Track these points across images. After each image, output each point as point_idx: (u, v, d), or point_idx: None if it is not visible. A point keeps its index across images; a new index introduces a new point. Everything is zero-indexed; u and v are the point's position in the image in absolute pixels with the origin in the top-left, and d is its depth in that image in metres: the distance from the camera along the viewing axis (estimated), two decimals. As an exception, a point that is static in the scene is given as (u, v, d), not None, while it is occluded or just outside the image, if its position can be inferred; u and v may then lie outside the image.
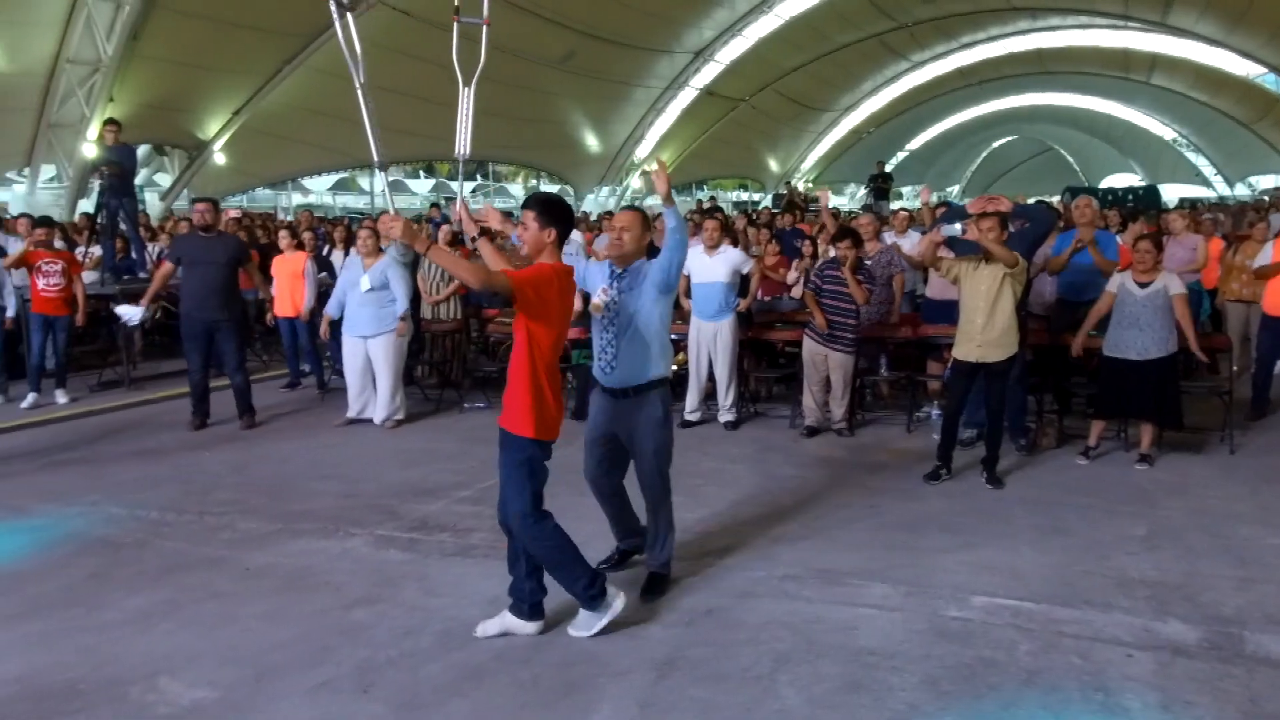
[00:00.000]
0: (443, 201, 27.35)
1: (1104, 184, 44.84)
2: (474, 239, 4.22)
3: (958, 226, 6.79)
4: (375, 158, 4.84)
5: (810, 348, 7.72)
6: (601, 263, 4.76)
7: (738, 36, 30.11)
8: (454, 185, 40.85)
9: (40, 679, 3.89)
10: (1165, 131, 46.33)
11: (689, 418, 8.11)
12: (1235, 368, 8.21)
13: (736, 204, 38.04)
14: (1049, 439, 7.29)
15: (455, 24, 4.40)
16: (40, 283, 9.18)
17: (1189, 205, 14.85)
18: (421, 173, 46.68)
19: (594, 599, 4.13)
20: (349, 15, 4.34)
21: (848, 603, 4.50)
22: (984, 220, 6.25)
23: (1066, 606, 4.41)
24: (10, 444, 7.82)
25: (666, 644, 4.13)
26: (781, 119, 37.70)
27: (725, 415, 8.05)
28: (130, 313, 7.94)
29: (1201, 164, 45.82)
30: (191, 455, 7.46)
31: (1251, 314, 8.35)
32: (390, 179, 39.50)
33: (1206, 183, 44.93)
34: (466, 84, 4.51)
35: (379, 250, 8.29)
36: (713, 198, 34.63)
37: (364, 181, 38.50)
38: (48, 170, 18.96)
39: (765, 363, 9.00)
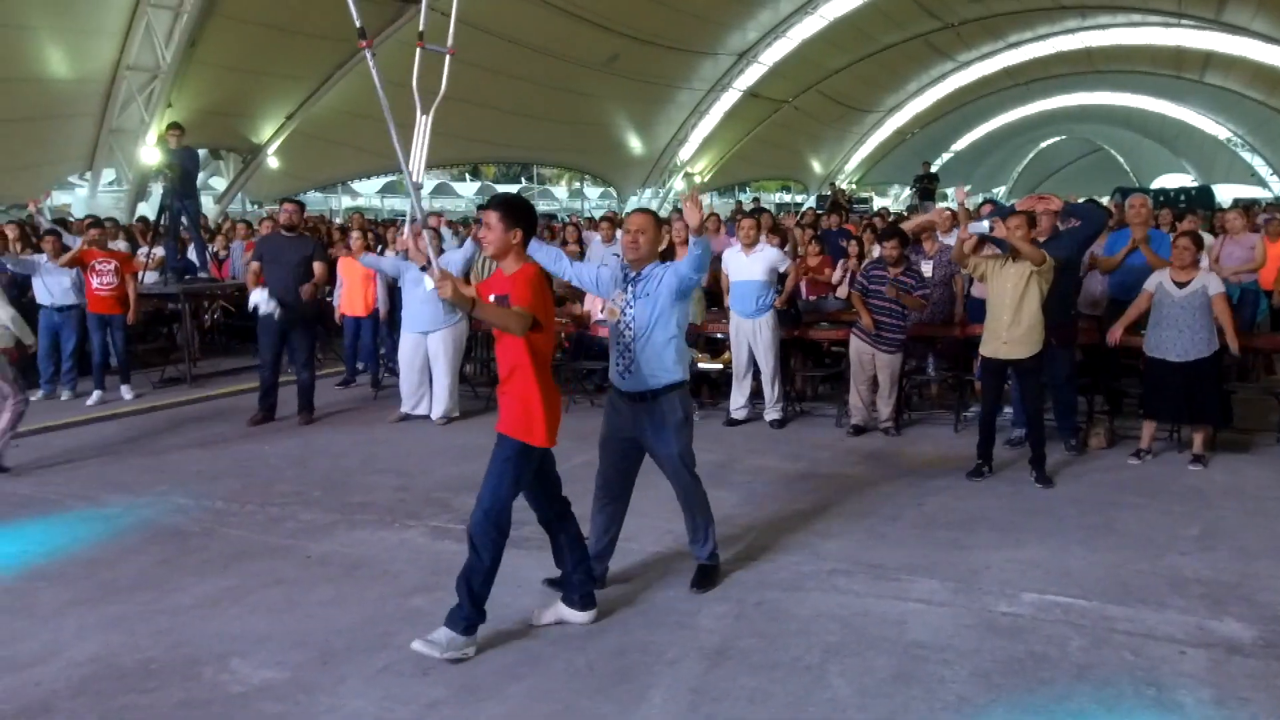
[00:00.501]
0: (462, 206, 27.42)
1: (1155, 184, 43.94)
2: (423, 267, 4.19)
3: (985, 224, 6.75)
4: (411, 180, 4.79)
5: (857, 347, 7.72)
6: (612, 267, 4.69)
7: (781, 38, 29.88)
8: (504, 189, 41.05)
9: (117, 659, 4.03)
10: (1219, 131, 45.30)
11: (735, 416, 8.15)
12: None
13: (780, 205, 37.87)
14: (1100, 439, 7.22)
15: (419, 49, 4.30)
16: (94, 282, 9.29)
17: (1245, 205, 14.55)
18: (467, 175, 47.09)
19: (468, 627, 3.94)
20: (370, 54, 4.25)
21: (896, 597, 4.52)
22: (1012, 219, 6.24)
23: (1118, 604, 4.39)
24: (80, 438, 8.02)
25: (717, 634, 4.18)
26: (825, 120, 37.42)
27: (771, 414, 8.07)
28: (262, 300, 7.96)
29: (1257, 164, 44.69)
30: (252, 448, 7.63)
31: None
32: (436, 181, 39.76)
33: (1263, 183, 43.80)
34: (425, 112, 4.42)
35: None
36: (756, 199, 34.51)
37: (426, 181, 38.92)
38: (108, 174, 19.36)
39: (811, 362, 9.01)
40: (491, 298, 3.99)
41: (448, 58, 4.27)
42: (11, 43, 16.08)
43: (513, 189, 41.13)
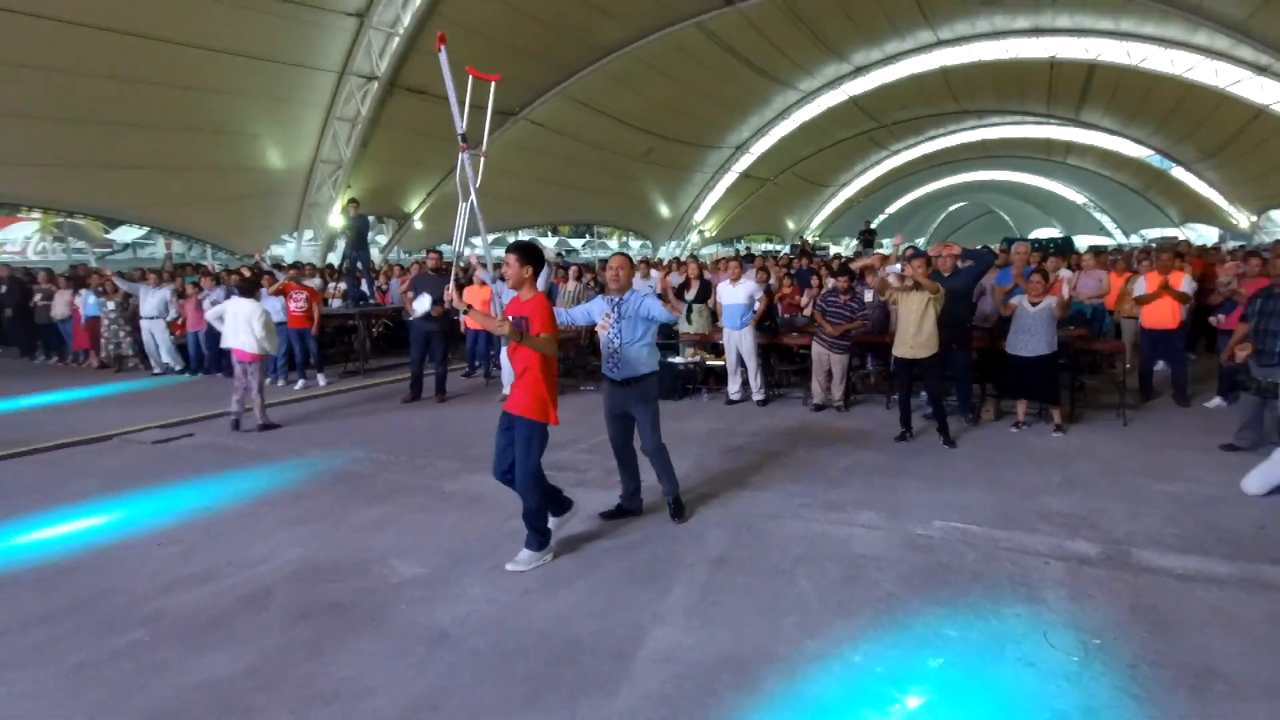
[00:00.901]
0: (561, 253, 27.60)
1: (1031, 235, 42.91)
2: (464, 311, 4.08)
3: (898, 267, 6.74)
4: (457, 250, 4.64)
5: (817, 349, 7.65)
6: (599, 300, 4.58)
7: (764, 135, 29.96)
8: (574, 242, 40.99)
9: (314, 559, 4.13)
10: (1078, 197, 44.24)
11: (731, 397, 8.09)
12: (1127, 365, 7.88)
13: (765, 252, 37.63)
14: (990, 414, 7.09)
15: (462, 154, 4.15)
16: (291, 305, 9.48)
17: (1096, 250, 14.10)
18: (548, 232, 47.11)
19: (541, 545, 3.99)
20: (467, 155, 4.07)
21: (845, 524, 4.50)
22: (915, 260, 6.24)
23: (1002, 529, 4.34)
24: (292, 411, 8.17)
25: (719, 548, 4.18)
26: (796, 192, 37.12)
27: (757, 395, 8.02)
28: (422, 305, 8.03)
29: (1105, 220, 43.65)
30: (404, 418, 7.72)
31: (1138, 327, 8.00)
32: (528, 236, 39.94)
33: (1109, 234, 42.74)
34: (465, 199, 4.29)
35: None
36: (748, 248, 34.35)
37: (510, 239, 39.16)
38: (308, 234, 19.72)
39: (785, 360, 8.94)
40: (511, 317, 3.84)
41: (482, 159, 4.11)
42: (244, 144, 16.47)
43: (579, 241, 41.12)
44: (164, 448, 6.62)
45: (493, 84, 4.04)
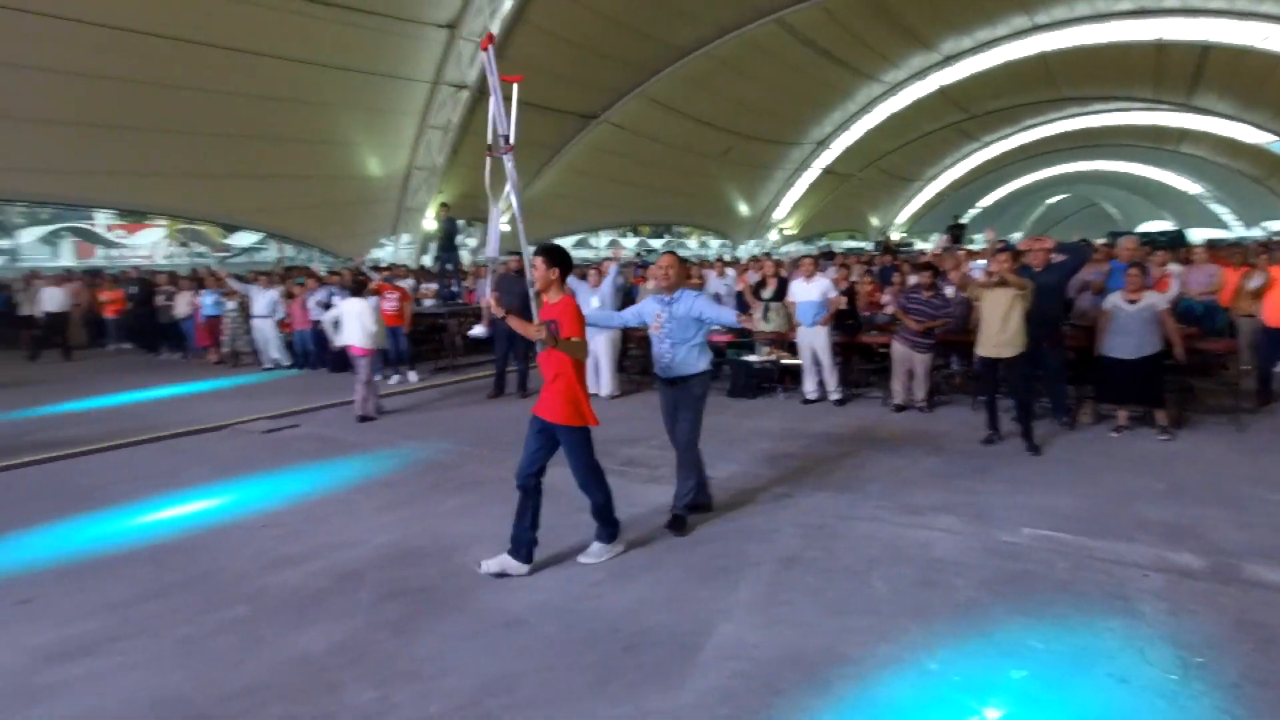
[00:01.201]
0: (641, 253, 27.74)
1: (1139, 229, 40.05)
2: (502, 317, 4.07)
3: (982, 261, 6.40)
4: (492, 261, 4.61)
5: (899, 348, 7.38)
6: (650, 300, 4.52)
7: (846, 130, 29.19)
8: (653, 242, 41.12)
9: (401, 545, 4.31)
10: (1192, 187, 40.81)
11: (808, 397, 7.91)
12: (1244, 366, 7.22)
13: (848, 249, 36.70)
14: (1088, 417, 6.65)
15: (488, 158, 4.11)
16: (385, 305, 9.69)
17: (1212, 244, 12.91)
18: (629, 233, 47.47)
19: (611, 536, 4.00)
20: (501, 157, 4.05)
21: (924, 527, 4.32)
22: (1000, 255, 5.94)
23: (1097, 538, 4.06)
24: (385, 405, 8.41)
25: (789, 547, 4.10)
26: (880, 187, 36.01)
27: (834, 395, 7.81)
28: (478, 331, 8.37)
29: (1222, 212, 40.09)
30: (488, 412, 7.91)
31: (1256, 325, 7.32)
32: (609, 237, 40.28)
33: (1226, 227, 39.22)
34: (495, 202, 4.21)
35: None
36: (829, 245, 33.56)
37: (591, 240, 39.79)
38: (405, 237, 20.61)
39: (864, 360, 8.68)
40: (544, 322, 3.77)
41: (508, 155, 4.03)
42: (345, 154, 17.41)
43: (658, 242, 41.19)
44: (272, 437, 7.05)
45: (515, 85, 4.00)
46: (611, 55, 18.69)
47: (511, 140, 3.93)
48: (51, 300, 13.28)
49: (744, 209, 31.45)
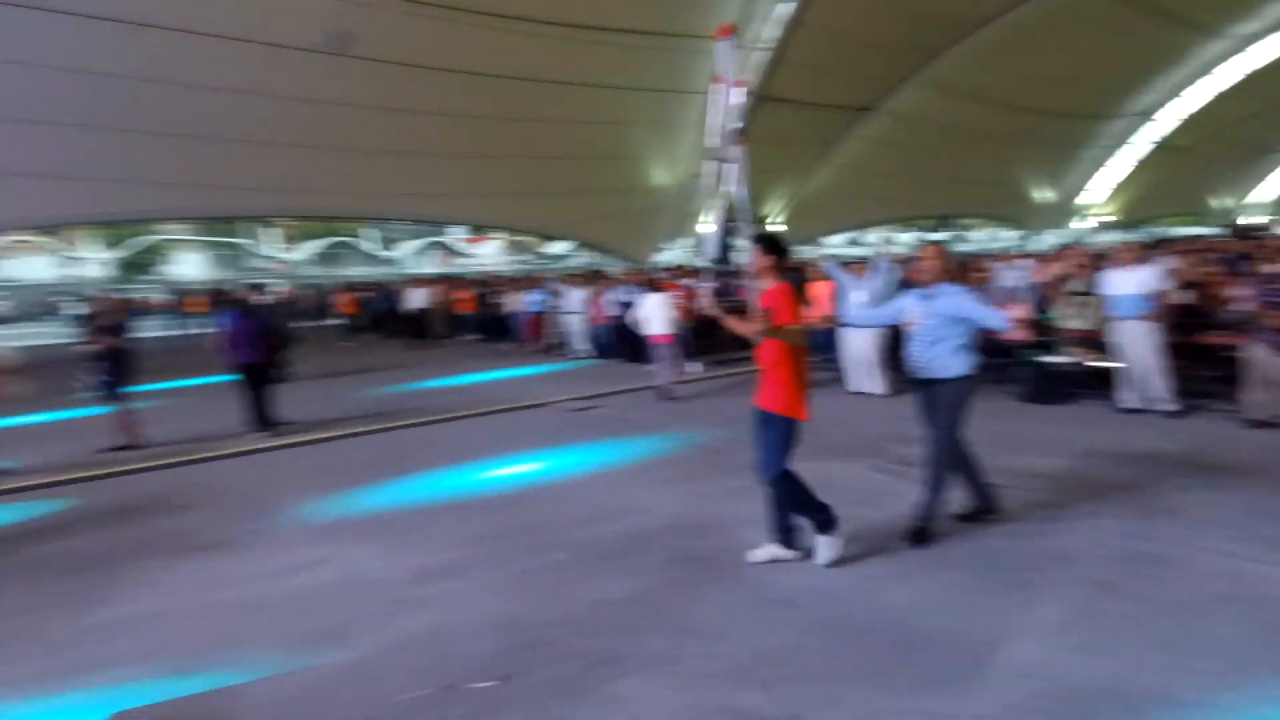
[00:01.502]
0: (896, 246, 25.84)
1: None
2: (717, 318, 3.97)
3: None
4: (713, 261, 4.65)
5: (1259, 352, 5.97)
6: (909, 295, 4.21)
7: (1178, 97, 23.87)
8: (933, 237, 38.00)
9: (682, 519, 4.62)
10: None
11: (1126, 405, 6.76)
12: None
13: (1188, 237, 30.10)
14: None
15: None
16: (674, 301, 10.42)
17: None
18: (909, 228, 44.39)
19: (827, 527, 3.78)
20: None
21: (1286, 566, 3.51)
22: None
23: None
24: (678, 391, 8.84)
25: (1104, 570, 3.62)
26: (1225, 162, 28.87)
27: (1164, 404, 6.57)
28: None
29: None
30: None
31: None
32: (887, 232, 38.37)
33: None
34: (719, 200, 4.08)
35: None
36: (1164, 232, 27.79)
37: (861, 237, 38.09)
38: (688, 240, 21.79)
39: (1205, 364, 7.11)
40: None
41: (744, 89, 4.02)
42: (635, 168, 18.96)
43: (938, 235, 37.89)
44: (580, 415, 8.01)
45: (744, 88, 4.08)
46: (887, 44, 17.75)
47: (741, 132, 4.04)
48: (419, 299, 16.59)
49: (1043, 195, 27.56)
